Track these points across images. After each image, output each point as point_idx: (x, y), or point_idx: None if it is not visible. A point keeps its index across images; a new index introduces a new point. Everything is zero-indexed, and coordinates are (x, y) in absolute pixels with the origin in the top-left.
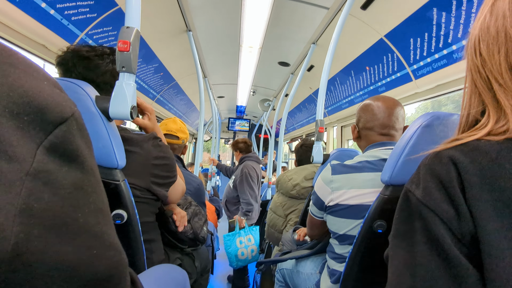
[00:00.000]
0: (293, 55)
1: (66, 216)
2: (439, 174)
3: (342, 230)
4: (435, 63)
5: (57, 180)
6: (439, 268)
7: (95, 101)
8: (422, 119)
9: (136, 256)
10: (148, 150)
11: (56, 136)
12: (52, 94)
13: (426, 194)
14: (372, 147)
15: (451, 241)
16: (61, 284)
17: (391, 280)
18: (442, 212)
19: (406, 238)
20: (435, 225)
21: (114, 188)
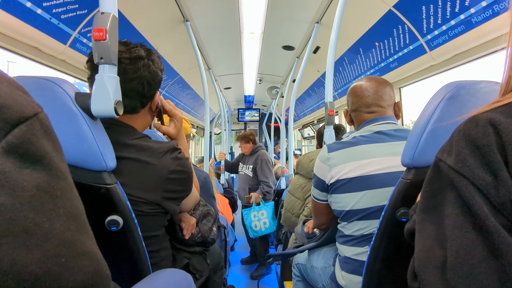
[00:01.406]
0: (297, 37)
1: (27, 221)
2: (474, 138)
3: (347, 206)
4: (451, 31)
5: (16, 182)
6: (474, 241)
7: (75, 99)
8: (444, 90)
9: (138, 265)
10: (165, 163)
11: (15, 136)
12: (12, 94)
13: (459, 160)
14: (364, 125)
15: (489, 211)
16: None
17: (419, 257)
18: (478, 179)
19: (437, 211)
20: (470, 194)
21: (105, 192)
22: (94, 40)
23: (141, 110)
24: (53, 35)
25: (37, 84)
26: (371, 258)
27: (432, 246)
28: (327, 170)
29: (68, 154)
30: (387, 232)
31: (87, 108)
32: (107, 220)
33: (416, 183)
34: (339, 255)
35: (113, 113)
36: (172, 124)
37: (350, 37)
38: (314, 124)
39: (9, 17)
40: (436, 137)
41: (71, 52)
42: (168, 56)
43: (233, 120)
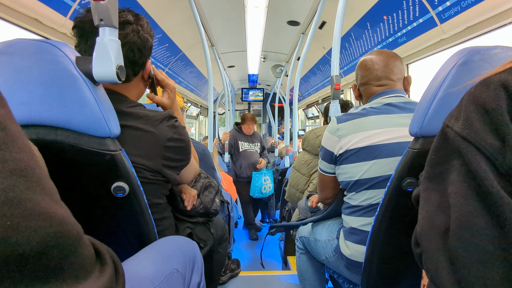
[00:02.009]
0: (303, 12)
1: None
2: (484, 102)
3: (356, 176)
4: (464, 1)
5: None
6: (477, 208)
7: (75, 63)
8: (457, 56)
9: (145, 231)
10: (162, 130)
11: None
12: None
13: (466, 126)
14: (374, 98)
15: (494, 177)
16: None
17: (422, 224)
18: (484, 145)
19: (441, 179)
20: (475, 161)
21: (110, 159)
22: (93, 0)
23: (134, 78)
24: (54, 6)
25: (37, 47)
26: (375, 228)
27: (436, 214)
28: (336, 141)
29: (72, 120)
30: (392, 202)
31: (89, 72)
32: (113, 186)
33: (423, 152)
34: (344, 226)
35: (115, 78)
36: (165, 95)
37: (357, 10)
38: (318, 104)
39: None
40: (447, 104)
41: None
42: (170, 32)
43: (237, 100)
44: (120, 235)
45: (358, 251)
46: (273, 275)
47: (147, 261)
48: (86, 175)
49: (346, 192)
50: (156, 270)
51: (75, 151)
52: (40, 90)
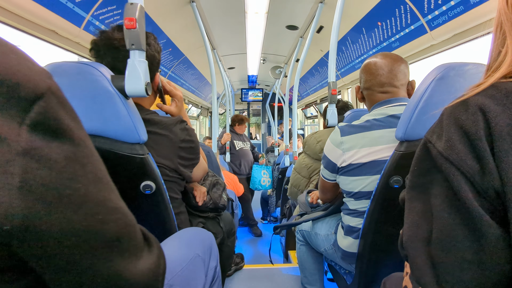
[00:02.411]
0: (301, 17)
1: (67, 188)
2: (464, 125)
3: (357, 188)
4: (451, 11)
5: (49, 156)
6: (458, 222)
7: (111, 81)
8: (435, 72)
9: (168, 223)
10: (176, 133)
11: (36, 113)
12: (22, 69)
13: (448, 147)
14: (377, 106)
15: (473, 196)
16: (73, 249)
17: (407, 232)
18: (465, 167)
19: (424, 190)
20: (457, 180)
21: (140, 161)
22: (126, 28)
23: None
24: (69, 18)
25: (78, 68)
26: (367, 220)
27: (419, 223)
28: (340, 154)
29: (108, 129)
30: (381, 197)
31: (122, 89)
32: (142, 185)
33: (407, 154)
34: (343, 223)
35: (144, 92)
36: (173, 104)
37: (353, 16)
38: (317, 104)
39: (29, 2)
40: (426, 114)
41: (85, 35)
42: (173, 37)
43: (236, 100)
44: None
45: (353, 244)
46: (275, 268)
47: (174, 247)
48: (120, 175)
49: (346, 195)
50: (182, 254)
51: (111, 155)
52: (82, 104)
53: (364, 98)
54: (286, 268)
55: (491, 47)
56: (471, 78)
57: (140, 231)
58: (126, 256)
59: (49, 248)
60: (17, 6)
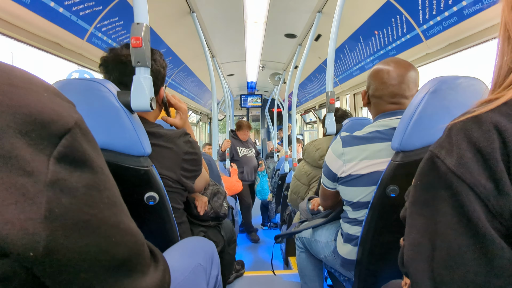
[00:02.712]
0: (299, 26)
1: (85, 214)
2: (478, 143)
3: (356, 198)
4: (445, 21)
5: (71, 185)
6: (468, 243)
7: (117, 97)
8: (429, 85)
9: (170, 233)
10: (179, 146)
11: (63, 146)
12: (53, 106)
13: (460, 164)
14: (382, 117)
15: (486, 218)
16: (88, 271)
17: (408, 251)
18: (479, 187)
19: (429, 206)
20: (468, 200)
21: (144, 173)
22: (132, 47)
23: None
24: (72, 31)
25: (86, 85)
26: (365, 228)
27: (421, 241)
28: (340, 165)
29: (114, 143)
30: (378, 206)
31: (128, 104)
32: (146, 196)
33: (403, 164)
34: (342, 230)
35: (149, 107)
36: (178, 116)
37: (350, 25)
38: (316, 109)
39: (35, 16)
40: (420, 125)
41: (88, 46)
42: (174, 46)
43: (236, 106)
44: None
45: (352, 252)
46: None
47: (176, 256)
48: (125, 187)
49: (346, 204)
50: (184, 264)
51: (116, 168)
52: (89, 119)
53: (370, 103)
54: (286, 274)
55: (498, 63)
56: (463, 91)
57: (147, 248)
58: (134, 274)
59: (67, 271)
60: (22, 20)
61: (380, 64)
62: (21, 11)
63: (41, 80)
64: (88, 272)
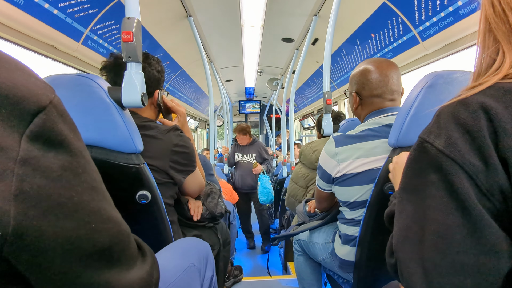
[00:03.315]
0: (296, 30)
1: (60, 197)
2: (465, 123)
3: (352, 198)
4: (441, 22)
5: (45, 165)
6: (457, 223)
7: (108, 92)
8: (425, 80)
9: (163, 233)
10: (169, 137)
11: (36, 125)
12: (27, 84)
13: (449, 144)
14: (373, 115)
15: (475, 195)
16: (64, 257)
17: (397, 235)
18: (468, 165)
19: (418, 191)
20: (458, 178)
21: (135, 171)
22: (123, 41)
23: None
24: (68, 33)
25: (76, 81)
26: (363, 228)
27: (410, 225)
28: (335, 165)
29: (105, 139)
30: (376, 204)
31: (119, 100)
32: (137, 194)
33: None
34: (340, 231)
35: (141, 103)
36: (176, 120)
37: (347, 29)
38: (314, 115)
39: (29, 18)
40: (417, 120)
41: (83, 49)
42: (171, 50)
43: (234, 112)
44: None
45: (350, 253)
46: (274, 280)
47: (169, 257)
48: (116, 185)
49: (342, 205)
50: (177, 264)
51: (107, 166)
52: (79, 115)
53: (362, 105)
54: (285, 280)
55: (480, 55)
56: (459, 85)
57: (134, 241)
58: (117, 266)
59: (40, 255)
60: (16, 21)
61: (366, 64)
62: (14, 12)
63: (15, 59)
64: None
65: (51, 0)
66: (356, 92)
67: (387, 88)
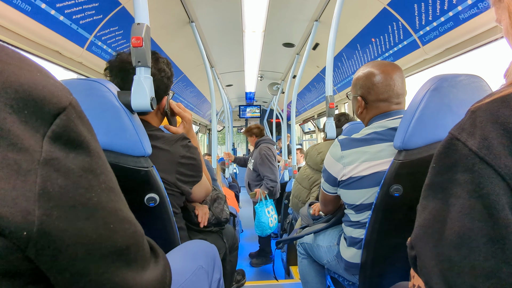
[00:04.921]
0: (297, 35)
1: (82, 197)
2: (505, 122)
3: (358, 201)
4: (441, 27)
5: (66, 165)
6: (481, 227)
7: (117, 96)
8: (429, 83)
9: (171, 236)
10: (176, 149)
11: (58, 126)
12: (47, 85)
13: (484, 146)
14: (378, 119)
15: (506, 201)
16: (84, 256)
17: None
18: (504, 168)
19: (443, 189)
20: (490, 183)
21: (144, 174)
22: (133, 46)
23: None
24: (73, 39)
25: (86, 85)
26: (369, 230)
27: (432, 223)
28: (340, 168)
29: (114, 143)
30: (382, 206)
31: (128, 104)
32: (146, 197)
33: (406, 163)
34: (345, 234)
35: (149, 107)
36: (181, 125)
37: (348, 34)
38: (314, 119)
39: (36, 24)
40: (423, 123)
41: (88, 55)
42: (173, 55)
43: (234, 117)
44: None
45: (356, 255)
46: (277, 284)
47: (178, 258)
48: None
49: (348, 207)
50: (186, 266)
51: (116, 169)
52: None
53: (367, 109)
54: (288, 284)
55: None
56: (464, 88)
57: (147, 242)
58: (134, 266)
59: (62, 254)
60: (22, 27)
61: (370, 68)
62: (21, 18)
63: (33, 61)
64: (85, 259)
65: (58, 7)
66: (361, 96)
67: (393, 92)
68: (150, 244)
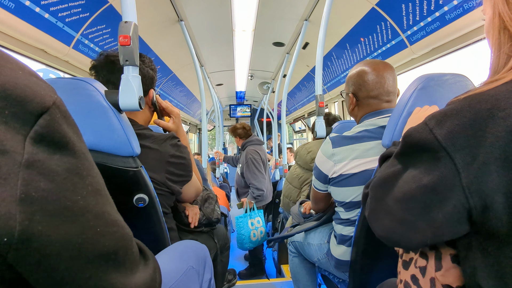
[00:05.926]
0: (287, 34)
1: (66, 200)
2: (473, 118)
3: (348, 198)
4: (428, 27)
5: (50, 168)
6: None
7: (105, 96)
8: (417, 82)
9: (160, 236)
10: (165, 148)
11: (40, 126)
12: (29, 84)
13: (449, 138)
14: (369, 117)
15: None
16: (69, 262)
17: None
18: (459, 160)
19: (409, 159)
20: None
21: (133, 174)
22: (120, 45)
23: None
24: (58, 37)
25: (73, 84)
26: (358, 228)
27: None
28: (331, 165)
29: (102, 143)
30: None
31: (116, 103)
32: (135, 198)
33: None
34: (335, 231)
35: (138, 106)
36: (171, 121)
37: (337, 33)
38: (305, 118)
39: (19, 22)
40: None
41: (74, 53)
42: (162, 55)
43: (225, 116)
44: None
45: (346, 252)
46: (268, 283)
47: (168, 259)
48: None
49: (338, 205)
50: (176, 267)
51: (104, 169)
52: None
53: (358, 106)
54: (279, 282)
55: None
56: (450, 87)
57: (136, 245)
58: (122, 270)
59: (46, 260)
60: (6, 25)
61: (362, 65)
62: (4, 16)
63: (15, 58)
64: (70, 264)
65: (43, 4)
66: (353, 93)
67: (383, 90)
68: (139, 246)
